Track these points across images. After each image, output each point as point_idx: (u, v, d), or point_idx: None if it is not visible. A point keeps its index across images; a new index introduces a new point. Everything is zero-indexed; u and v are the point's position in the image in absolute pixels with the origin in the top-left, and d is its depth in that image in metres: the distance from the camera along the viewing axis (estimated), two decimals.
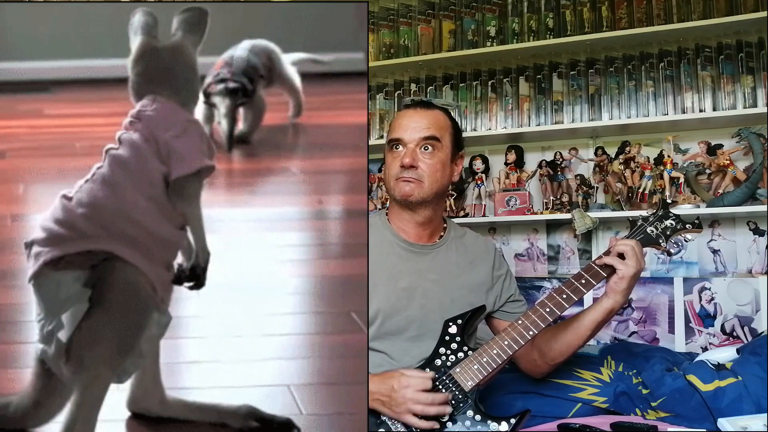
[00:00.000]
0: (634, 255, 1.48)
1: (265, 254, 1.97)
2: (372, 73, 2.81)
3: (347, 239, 2.03)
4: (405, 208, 1.66)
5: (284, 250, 1.99)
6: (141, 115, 1.31)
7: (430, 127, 1.64)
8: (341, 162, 2.59)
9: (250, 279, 1.85)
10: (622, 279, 1.48)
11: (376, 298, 1.59)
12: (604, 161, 2.52)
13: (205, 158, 1.30)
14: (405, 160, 1.61)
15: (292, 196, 2.31)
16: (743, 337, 2.34)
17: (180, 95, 1.33)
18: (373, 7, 2.85)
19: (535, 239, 2.68)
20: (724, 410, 1.63)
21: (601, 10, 2.56)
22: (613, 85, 2.54)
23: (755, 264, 2.39)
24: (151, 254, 1.25)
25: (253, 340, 1.58)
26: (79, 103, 3.18)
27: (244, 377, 1.46)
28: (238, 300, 1.75)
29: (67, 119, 3.03)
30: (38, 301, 1.22)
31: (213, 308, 1.70)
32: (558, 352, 1.62)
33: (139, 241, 1.24)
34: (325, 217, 2.19)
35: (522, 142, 2.68)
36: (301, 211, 2.23)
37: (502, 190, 2.61)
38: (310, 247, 2.01)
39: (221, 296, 1.74)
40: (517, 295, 1.76)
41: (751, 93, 2.37)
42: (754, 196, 2.27)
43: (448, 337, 1.53)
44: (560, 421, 1.64)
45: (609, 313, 1.53)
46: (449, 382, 1.46)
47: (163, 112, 1.31)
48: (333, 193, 2.35)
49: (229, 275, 1.84)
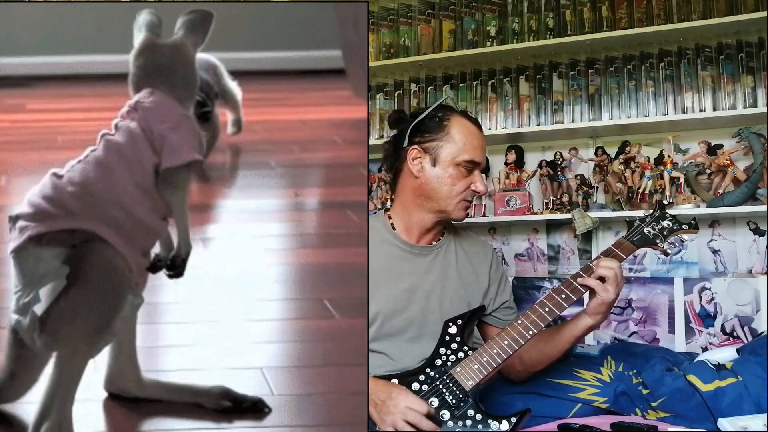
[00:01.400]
0: (615, 282, 1.47)
1: (244, 245, 2.03)
2: (372, 73, 2.81)
3: (323, 230, 2.10)
4: (437, 218, 1.65)
5: (263, 241, 2.04)
6: (138, 105, 1.34)
7: (485, 153, 1.67)
8: (323, 156, 2.64)
9: (231, 268, 1.91)
10: (602, 304, 1.50)
11: (376, 299, 1.59)
12: (604, 161, 2.52)
13: (195, 152, 1.33)
14: (480, 187, 1.62)
15: (271, 190, 2.36)
16: (743, 337, 2.34)
17: (177, 91, 1.38)
18: (373, 7, 2.85)
19: (535, 239, 2.68)
20: (725, 410, 1.63)
21: (601, 10, 2.55)
22: (613, 85, 2.54)
23: (755, 264, 2.39)
24: (132, 239, 1.29)
25: (229, 325, 1.65)
26: (60, 99, 3.26)
27: (219, 360, 1.52)
28: (217, 287, 1.81)
29: (49, 114, 3.10)
30: (17, 274, 1.25)
31: (192, 295, 1.77)
32: (537, 362, 1.67)
33: (123, 225, 1.27)
34: (302, 209, 2.24)
35: (522, 142, 2.68)
36: (279, 203, 2.29)
37: (502, 190, 2.61)
38: (287, 237, 2.08)
39: (201, 284, 1.81)
40: (510, 302, 1.76)
41: (751, 93, 2.37)
42: (755, 196, 2.27)
43: (448, 338, 1.53)
44: (560, 421, 1.64)
45: (588, 330, 1.57)
46: (450, 381, 1.46)
47: (160, 105, 1.35)
48: (312, 186, 2.40)
49: (211, 264, 1.92)
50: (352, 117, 3.01)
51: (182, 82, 1.39)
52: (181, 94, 1.38)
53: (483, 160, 1.64)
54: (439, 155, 1.61)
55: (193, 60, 1.41)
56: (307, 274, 1.87)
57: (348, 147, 2.71)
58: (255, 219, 2.17)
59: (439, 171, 1.61)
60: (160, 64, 1.37)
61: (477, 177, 1.62)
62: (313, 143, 2.75)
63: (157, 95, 1.35)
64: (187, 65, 1.39)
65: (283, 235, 2.10)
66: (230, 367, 1.50)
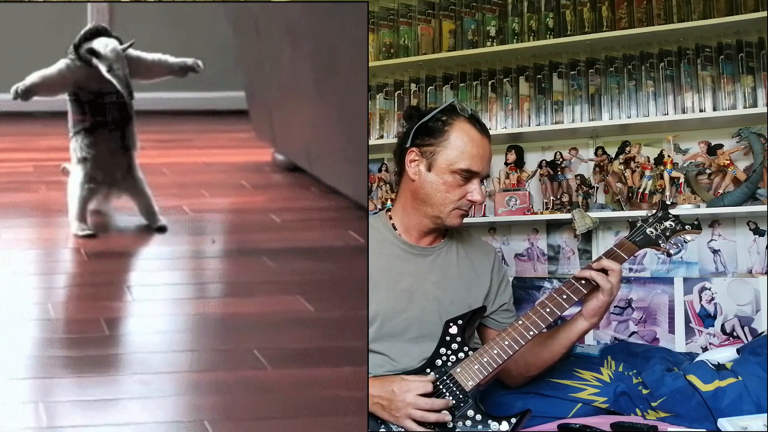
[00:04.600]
0: (616, 277, 1.48)
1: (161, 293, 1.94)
2: (372, 73, 2.81)
3: (234, 278, 2.03)
4: (433, 223, 1.64)
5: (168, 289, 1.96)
6: None
7: (489, 162, 1.63)
8: (229, 202, 2.61)
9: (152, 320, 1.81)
10: (599, 307, 1.51)
11: (376, 299, 1.58)
12: (604, 161, 2.52)
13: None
14: (476, 197, 1.58)
15: (186, 236, 2.29)
16: (743, 337, 2.34)
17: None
18: (373, 7, 2.85)
19: (535, 239, 2.68)
20: (725, 410, 1.63)
21: (601, 10, 2.55)
22: (613, 85, 2.54)
23: (755, 264, 2.39)
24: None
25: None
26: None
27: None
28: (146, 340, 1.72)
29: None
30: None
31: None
32: (533, 367, 1.67)
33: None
34: (218, 255, 2.18)
35: (522, 142, 2.68)
36: (195, 250, 2.21)
37: (502, 190, 2.61)
38: (200, 287, 2.00)
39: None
40: (509, 305, 1.75)
41: (751, 93, 2.37)
42: (755, 196, 2.27)
43: (448, 338, 1.53)
44: (560, 421, 1.64)
45: (584, 333, 1.58)
46: (450, 382, 1.46)
47: None
48: (223, 233, 2.34)
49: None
50: (255, 160, 3.01)
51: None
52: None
53: (482, 169, 1.59)
54: (435, 160, 1.57)
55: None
56: (230, 323, 1.78)
57: (255, 192, 2.68)
58: (171, 267, 2.09)
59: (433, 177, 1.58)
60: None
61: (474, 186, 1.57)
62: (222, 187, 2.72)
63: None
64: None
65: (198, 283, 2.01)
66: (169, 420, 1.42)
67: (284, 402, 1.46)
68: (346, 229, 2.33)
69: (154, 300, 1.89)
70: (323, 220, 2.41)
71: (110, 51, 2.15)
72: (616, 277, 1.48)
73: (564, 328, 1.59)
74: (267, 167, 2.94)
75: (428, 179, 1.59)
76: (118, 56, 2.16)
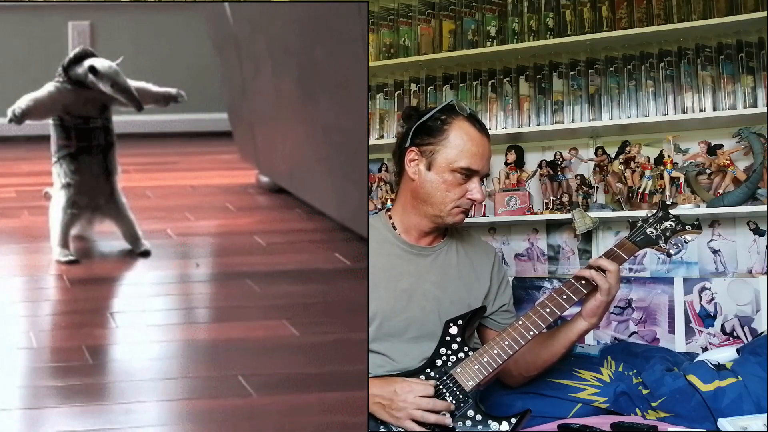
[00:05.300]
0: (615, 277, 1.48)
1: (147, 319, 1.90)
2: (372, 73, 2.81)
3: (219, 302, 1.99)
4: (434, 222, 1.64)
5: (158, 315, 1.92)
6: None
7: (488, 161, 1.62)
8: (214, 224, 2.59)
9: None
10: (599, 306, 1.50)
11: (376, 299, 1.58)
12: (604, 161, 2.52)
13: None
14: (477, 195, 1.57)
15: (171, 260, 2.25)
16: (743, 337, 2.34)
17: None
18: (373, 7, 2.85)
19: (535, 239, 2.68)
20: (725, 410, 1.63)
21: (601, 10, 2.55)
22: (613, 85, 2.54)
23: (755, 264, 2.39)
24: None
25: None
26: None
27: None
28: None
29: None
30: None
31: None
32: (533, 367, 1.67)
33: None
34: (197, 280, 2.14)
35: (522, 142, 2.68)
36: (179, 274, 2.17)
37: (502, 190, 2.61)
38: (186, 311, 1.95)
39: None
40: (509, 306, 1.75)
41: (751, 93, 2.37)
42: (755, 196, 2.27)
43: (448, 338, 1.53)
44: (560, 421, 1.64)
45: (583, 334, 1.57)
46: (450, 382, 1.46)
47: None
48: (207, 256, 2.31)
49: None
50: (240, 182, 3.00)
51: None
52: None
53: (482, 167, 1.59)
54: (434, 159, 1.57)
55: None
56: (215, 349, 1.74)
57: (240, 214, 2.66)
58: (155, 292, 2.05)
59: (433, 176, 1.58)
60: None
61: (474, 185, 1.57)
62: (206, 210, 2.70)
63: None
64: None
65: (183, 308, 1.96)
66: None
67: (272, 430, 1.42)
68: (333, 251, 2.29)
69: (138, 326, 1.84)
70: (309, 242, 2.39)
71: (109, 67, 2.15)
72: (615, 278, 1.48)
73: (564, 328, 1.59)
74: (251, 189, 2.94)
75: (428, 178, 1.59)
76: (118, 72, 2.16)
